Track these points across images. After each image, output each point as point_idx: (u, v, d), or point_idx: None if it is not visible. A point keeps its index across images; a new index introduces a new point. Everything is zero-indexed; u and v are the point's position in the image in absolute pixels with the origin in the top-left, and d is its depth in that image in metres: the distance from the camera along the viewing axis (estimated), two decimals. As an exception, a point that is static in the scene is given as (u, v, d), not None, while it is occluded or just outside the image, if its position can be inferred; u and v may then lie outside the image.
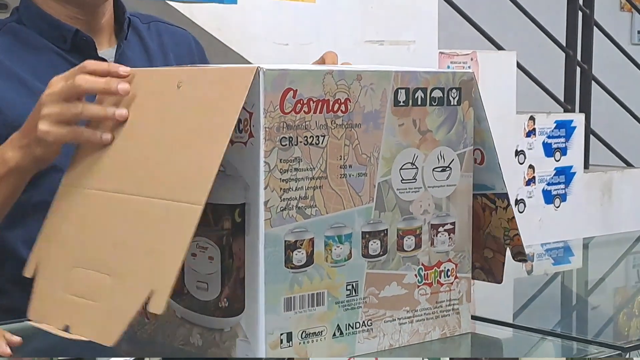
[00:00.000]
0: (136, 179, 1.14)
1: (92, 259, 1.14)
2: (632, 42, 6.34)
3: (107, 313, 1.08)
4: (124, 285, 1.08)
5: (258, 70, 1.06)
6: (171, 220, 1.06)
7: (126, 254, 1.10)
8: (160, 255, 1.06)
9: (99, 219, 1.17)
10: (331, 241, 1.12)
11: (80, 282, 1.14)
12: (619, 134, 4.91)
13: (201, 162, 1.06)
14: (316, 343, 1.11)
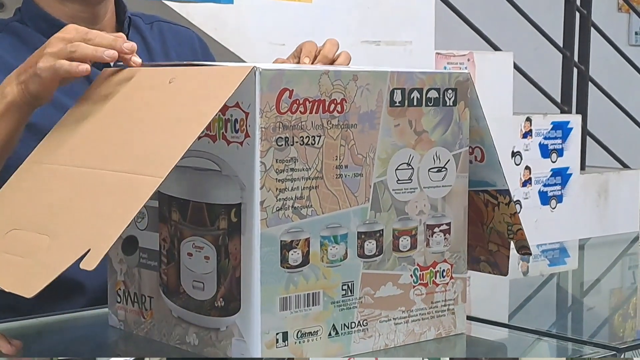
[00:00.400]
0: (103, 155, 1.13)
1: (33, 222, 1.11)
2: (629, 43, 6.34)
3: (35, 267, 1.04)
4: (61, 243, 1.05)
5: (254, 70, 1.06)
6: (126, 189, 1.05)
7: (71, 217, 1.08)
8: (105, 218, 1.03)
9: (51, 188, 1.15)
10: (327, 241, 1.12)
11: (16, 241, 1.10)
12: (615, 136, 4.91)
13: (171, 143, 1.05)
14: (312, 343, 1.11)
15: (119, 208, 1.03)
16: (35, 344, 1.27)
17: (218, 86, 1.07)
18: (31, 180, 1.18)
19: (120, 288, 1.26)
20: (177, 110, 1.10)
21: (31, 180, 1.18)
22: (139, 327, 1.23)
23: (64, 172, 1.15)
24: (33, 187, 1.17)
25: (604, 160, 4.59)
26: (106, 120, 1.18)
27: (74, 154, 1.16)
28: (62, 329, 1.34)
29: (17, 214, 1.14)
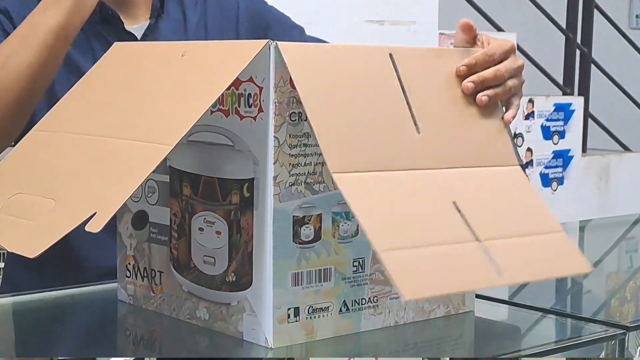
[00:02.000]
0: (113, 124, 1.12)
1: (39, 186, 1.10)
2: (630, 26, 6.33)
3: (39, 228, 1.03)
4: (66, 206, 1.04)
5: (268, 45, 1.05)
6: (135, 157, 1.04)
7: (78, 182, 1.07)
8: (112, 183, 1.03)
9: (59, 155, 1.14)
10: (338, 217, 1.12)
11: (20, 204, 1.09)
12: (617, 118, 4.91)
13: (182, 113, 1.05)
14: (323, 318, 1.11)
15: (127, 174, 1.02)
16: (45, 318, 1.27)
17: (231, 60, 1.07)
18: (38, 147, 1.17)
19: (130, 263, 1.26)
20: (189, 82, 1.10)
21: (38, 147, 1.17)
22: (149, 302, 1.23)
23: (73, 140, 1.14)
24: (40, 154, 1.16)
25: (606, 143, 4.59)
26: (116, 90, 1.18)
27: (83, 122, 1.16)
28: (71, 303, 1.34)
29: (23, 179, 1.13)
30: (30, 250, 0.99)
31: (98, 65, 1.23)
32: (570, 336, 1.23)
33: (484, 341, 1.21)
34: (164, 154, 1.01)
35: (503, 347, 1.17)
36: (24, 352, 1.11)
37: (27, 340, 1.16)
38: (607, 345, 1.14)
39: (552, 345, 1.15)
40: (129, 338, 1.23)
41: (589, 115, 4.38)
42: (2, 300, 1.32)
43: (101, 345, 1.18)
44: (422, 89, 1.12)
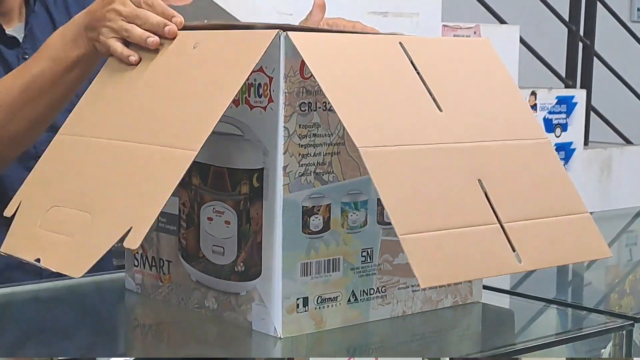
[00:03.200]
0: (135, 127, 1.13)
1: (74, 198, 1.11)
2: (631, 19, 6.33)
3: (80, 246, 1.05)
4: (103, 221, 1.06)
5: (279, 35, 1.05)
6: (162, 164, 1.05)
7: (110, 194, 1.08)
8: (144, 195, 1.04)
9: (89, 162, 1.14)
10: (347, 207, 1.12)
11: (58, 219, 1.11)
12: (619, 111, 4.91)
13: (202, 113, 1.06)
14: (331, 308, 1.11)
15: (156, 184, 1.03)
16: (53, 307, 1.28)
17: (244, 52, 1.07)
18: (66, 153, 1.18)
19: (138, 252, 1.26)
20: (204, 77, 1.10)
21: (66, 153, 1.18)
22: (157, 291, 1.23)
23: (99, 146, 1.14)
24: (69, 161, 1.17)
25: (608, 136, 4.59)
26: (134, 88, 1.18)
27: (106, 125, 1.16)
28: (78, 292, 1.34)
29: (56, 190, 1.14)
30: (74, 270, 1.02)
31: (112, 60, 1.23)
32: (577, 327, 1.24)
33: (491, 332, 1.22)
34: (189, 160, 1.02)
35: (511, 338, 1.17)
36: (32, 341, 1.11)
37: (35, 329, 1.16)
38: (615, 336, 1.14)
39: (561, 336, 1.15)
40: (136, 327, 1.23)
41: (591, 108, 4.38)
42: (6, 290, 1.32)
43: (108, 334, 1.18)
44: (437, 73, 1.12)
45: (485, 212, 1.03)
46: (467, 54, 1.19)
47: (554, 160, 1.15)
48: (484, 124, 1.12)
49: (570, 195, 1.12)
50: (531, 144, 1.14)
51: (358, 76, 1.06)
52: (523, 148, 1.13)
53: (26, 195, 1.17)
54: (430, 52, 1.15)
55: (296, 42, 1.04)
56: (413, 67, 1.11)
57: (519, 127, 1.15)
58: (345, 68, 1.06)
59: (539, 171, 1.12)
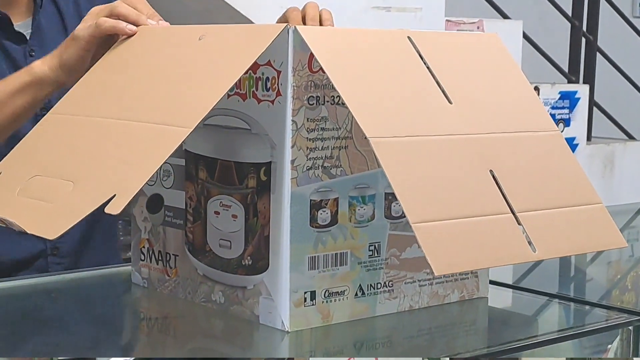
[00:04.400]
0: (130, 107, 1.12)
1: (58, 168, 1.09)
2: (634, 14, 6.31)
3: (58, 210, 1.03)
4: (86, 188, 1.04)
5: (287, 29, 1.05)
6: (154, 139, 1.04)
7: (96, 164, 1.07)
8: (132, 165, 1.02)
9: (77, 137, 1.13)
10: (355, 201, 1.12)
11: (39, 187, 1.08)
12: (622, 107, 4.90)
13: (200, 95, 1.05)
14: (339, 302, 1.11)
15: (146, 156, 1.02)
16: (59, 301, 1.28)
17: (249, 43, 1.06)
18: (55, 129, 1.17)
19: (145, 246, 1.26)
20: (206, 65, 1.10)
21: (55, 129, 1.17)
22: (163, 285, 1.23)
23: (91, 123, 1.14)
24: (57, 136, 1.16)
25: (610, 131, 4.58)
26: (133, 74, 1.18)
27: (101, 105, 1.16)
28: (85, 285, 1.34)
29: (41, 161, 1.13)
30: (49, 232, 0.99)
31: (115, 47, 1.23)
32: (584, 322, 1.24)
33: (499, 328, 1.21)
34: (182, 136, 1.01)
35: (518, 334, 1.17)
36: (38, 334, 1.11)
37: (41, 321, 1.16)
38: (622, 331, 1.14)
39: (567, 332, 1.15)
40: (143, 321, 1.23)
41: (594, 103, 4.37)
42: (14, 282, 1.32)
43: (115, 328, 1.18)
44: (446, 66, 1.12)
45: (497, 202, 1.03)
46: (475, 48, 1.19)
47: (566, 151, 1.15)
48: (494, 116, 1.12)
49: (583, 185, 1.12)
50: (542, 135, 1.14)
51: (367, 69, 1.06)
52: (534, 140, 1.13)
53: (7, 165, 1.15)
54: (439, 46, 1.15)
55: (305, 36, 1.04)
56: (422, 60, 1.11)
57: (530, 119, 1.15)
58: (354, 61, 1.06)
59: (550, 162, 1.12)
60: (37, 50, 1.48)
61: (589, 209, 1.11)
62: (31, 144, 1.17)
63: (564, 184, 1.11)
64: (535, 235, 1.03)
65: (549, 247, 1.04)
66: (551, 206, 1.07)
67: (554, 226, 1.06)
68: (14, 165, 1.15)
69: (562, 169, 1.13)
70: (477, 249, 0.99)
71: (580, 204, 1.10)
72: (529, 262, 1.09)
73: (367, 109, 1.02)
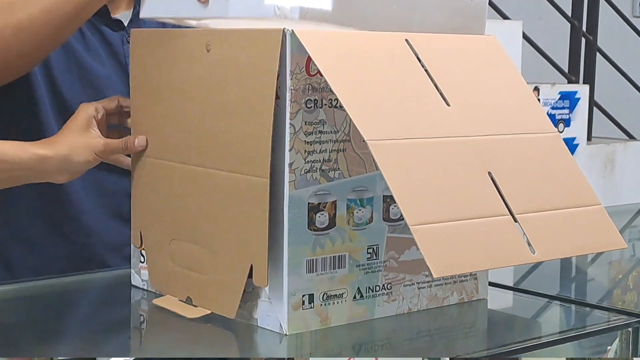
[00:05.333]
0: (197, 149, 1.16)
1: (186, 231, 1.17)
2: (634, 14, 6.32)
3: (220, 286, 1.12)
4: (224, 259, 1.12)
5: (285, 32, 1.05)
6: (244, 194, 1.09)
7: (215, 227, 1.13)
8: (247, 229, 1.09)
9: (182, 191, 1.19)
10: (353, 204, 1.12)
11: (183, 254, 1.18)
12: (622, 107, 4.90)
13: (254, 133, 1.08)
14: (337, 305, 1.11)
15: (252, 216, 1.09)
16: (61, 302, 1.28)
17: (258, 56, 1.07)
18: (155, 178, 1.23)
19: (145, 248, 1.26)
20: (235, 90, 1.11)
21: (155, 178, 1.23)
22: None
23: (179, 171, 1.19)
24: (165, 188, 1.22)
25: (611, 131, 4.59)
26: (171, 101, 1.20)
27: (171, 146, 1.20)
28: (85, 288, 1.34)
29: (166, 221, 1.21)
30: (228, 311, 1.11)
31: (136, 62, 1.25)
32: (584, 324, 1.24)
33: (498, 330, 1.22)
34: (266, 188, 1.06)
35: (517, 336, 1.17)
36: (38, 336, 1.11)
37: (42, 323, 1.16)
38: (622, 333, 1.14)
39: (566, 334, 1.15)
40: (142, 323, 1.23)
41: (594, 103, 4.37)
42: (15, 285, 1.32)
43: (114, 329, 1.18)
44: (444, 69, 1.12)
45: (496, 204, 1.03)
46: (474, 50, 1.19)
47: (565, 153, 1.15)
48: (493, 118, 1.12)
49: (582, 187, 1.12)
50: (541, 137, 1.14)
51: (364, 72, 1.06)
52: (533, 141, 1.13)
53: (144, 225, 1.25)
54: (437, 48, 1.15)
55: (302, 39, 1.04)
56: (420, 63, 1.11)
57: (528, 121, 1.15)
58: (352, 64, 1.06)
59: (549, 164, 1.12)
60: None
61: (588, 210, 1.11)
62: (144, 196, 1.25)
63: (563, 186, 1.11)
64: (534, 237, 1.03)
65: (548, 249, 1.04)
66: (550, 208, 1.07)
67: (553, 228, 1.06)
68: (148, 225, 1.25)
69: (561, 171, 1.13)
70: (476, 250, 0.99)
71: (579, 205, 1.10)
72: (528, 263, 1.09)
73: (365, 112, 1.02)
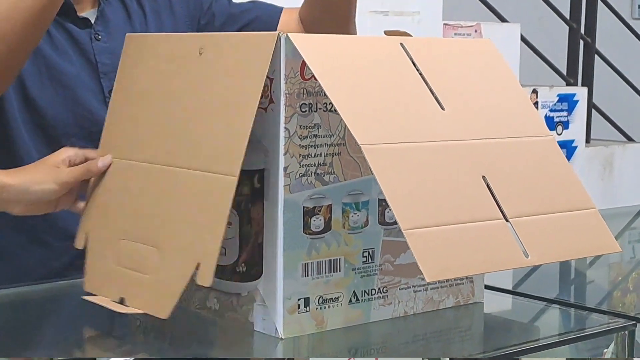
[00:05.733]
0: (168, 148, 1.15)
1: (137, 231, 1.16)
2: (633, 16, 6.32)
3: (158, 286, 1.10)
4: (171, 258, 1.10)
5: (279, 37, 1.05)
6: (209, 192, 1.07)
7: (169, 226, 1.11)
8: (202, 228, 1.07)
9: (139, 189, 1.17)
10: (348, 208, 1.12)
11: (129, 254, 1.16)
12: (620, 109, 4.91)
13: (231, 132, 1.06)
14: (333, 309, 1.11)
15: (209, 215, 1.07)
16: (56, 306, 1.28)
17: (251, 59, 1.07)
18: (114, 178, 1.22)
19: (140, 253, 1.26)
20: (221, 90, 1.10)
21: (114, 178, 1.22)
22: (158, 292, 1.23)
23: (143, 171, 1.17)
24: (120, 188, 1.21)
25: (609, 133, 4.59)
26: (154, 103, 1.19)
27: (142, 146, 1.19)
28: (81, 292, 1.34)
29: (118, 222, 1.19)
30: (160, 312, 1.08)
31: (123, 67, 1.25)
32: (580, 327, 1.24)
33: (494, 333, 1.22)
34: (233, 186, 1.04)
35: (513, 339, 1.17)
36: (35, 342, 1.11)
37: (36, 329, 1.16)
38: (617, 337, 1.14)
39: (562, 337, 1.15)
40: (139, 327, 1.23)
41: (592, 105, 4.37)
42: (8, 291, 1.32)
43: (111, 334, 1.18)
44: (438, 72, 1.12)
45: (490, 208, 1.03)
46: (469, 54, 1.19)
47: (559, 157, 1.15)
48: (487, 122, 1.12)
49: (576, 191, 1.12)
50: (535, 141, 1.14)
51: (359, 76, 1.07)
52: (527, 145, 1.13)
53: (90, 226, 1.23)
54: (432, 52, 1.15)
55: (297, 44, 1.04)
56: (414, 67, 1.11)
57: (523, 124, 1.15)
58: (346, 68, 1.06)
59: (543, 168, 1.12)
60: (102, 35, 1.48)
61: (582, 214, 1.11)
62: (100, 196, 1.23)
63: (557, 189, 1.11)
64: (528, 241, 1.03)
65: (541, 253, 1.04)
66: (544, 211, 1.08)
67: (547, 231, 1.06)
68: (96, 227, 1.22)
69: (556, 174, 1.13)
70: (470, 254, 0.99)
71: (574, 209, 1.11)
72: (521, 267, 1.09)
73: (359, 116, 1.02)
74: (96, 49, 1.47)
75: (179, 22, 1.59)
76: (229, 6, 1.62)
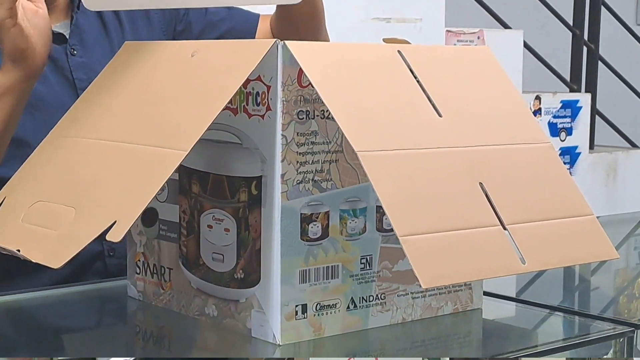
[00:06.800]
0: (128, 129, 1.13)
1: (60, 194, 1.11)
2: (637, 22, 6.32)
3: (61, 238, 1.05)
4: (87, 215, 1.05)
5: (276, 44, 1.06)
6: (151, 163, 1.05)
7: (97, 190, 1.08)
8: (130, 192, 1.04)
9: (77, 161, 1.14)
10: (346, 215, 1.12)
11: (41, 213, 1.10)
12: (624, 115, 4.91)
13: (195, 116, 1.06)
14: (330, 315, 1.12)
15: (144, 181, 1.03)
16: (57, 313, 1.28)
17: (240, 60, 1.07)
18: (56, 153, 1.18)
19: (140, 259, 1.27)
20: (199, 83, 1.11)
21: (56, 153, 1.18)
22: (158, 298, 1.24)
23: (89, 145, 1.15)
24: (58, 160, 1.17)
25: (613, 140, 4.59)
26: (129, 93, 1.18)
27: (99, 127, 1.17)
28: (81, 299, 1.35)
29: (42, 187, 1.14)
30: (54, 261, 1.01)
31: (110, 66, 1.24)
32: (578, 334, 1.24)
33: (492, 339, 1.22)
34: (179, 159, 1.02)
35: (510, 346, 1.17)
36: (33, 349, 1.12)
37: (36, 336, 1.17)
38: (616, 343, 1.14)
39: (560, 343, 1.15)
40: (138, 334, 1.24)
41: (596, 111, 4.38)
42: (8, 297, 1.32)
43: (111, 341, 1.18)
44: (436, 80, 1.12)
45: (487, 214, 1.03)
46: (466, 61, 1.20)
47: (557, 163, 1.15)
48: (485, 129, 1.12)
49: (574, 197, 1.12)
50: (533, 147, 1.14)
51: (356, 83, 1.07)
52: (525, 152, 1.13)
53: (11, 191, 1.17)
54: (429, 59, 1.15)
55: (294, 51, 1.05)
56: (412, 73, 1.12)
57: (521, 131, 1.15)
58: (343, 75, 1.07)
59: (541, 174, 1.13)
60: (78, 49, 1.48)
61: (579, 220, 1.11)
62: (32, 168, 1.18)
63: (555, 196, 1.12)
64: (525, 247, 1.03)
65: (538, 259, 1.04)
66: (541, 218, 1.08)
67: (544, 238, 1.06)
68: (17, 190, 1.17)
69: (553, 181, 1.13)
70: (466, 261, 1.00)
71: (571, 215, 1.11)
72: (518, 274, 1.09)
73: (355, 123, 1.03)
74: (72, 64, 1.46)
75: (154, 28, 1.58)
76: (205, 14, 1.61)
